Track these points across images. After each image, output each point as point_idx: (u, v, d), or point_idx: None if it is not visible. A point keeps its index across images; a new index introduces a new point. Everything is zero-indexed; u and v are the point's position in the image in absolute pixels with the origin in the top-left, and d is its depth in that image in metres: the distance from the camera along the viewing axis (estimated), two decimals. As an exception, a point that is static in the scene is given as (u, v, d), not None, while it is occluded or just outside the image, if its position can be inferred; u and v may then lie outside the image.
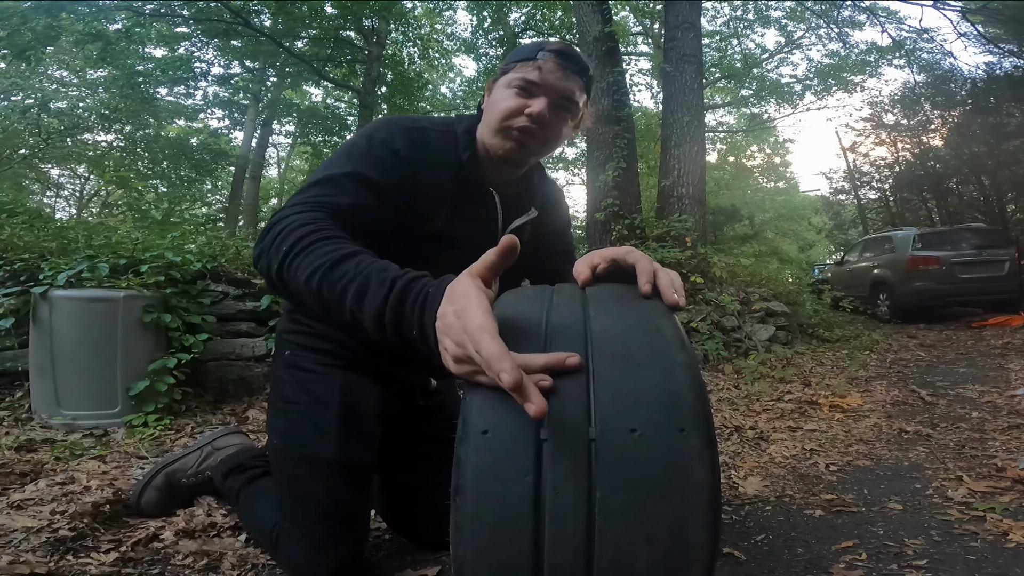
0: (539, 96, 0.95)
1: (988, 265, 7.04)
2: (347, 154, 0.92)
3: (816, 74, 13.85)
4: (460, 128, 1.02)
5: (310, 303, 0.71)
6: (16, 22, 7.92)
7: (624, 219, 5.27)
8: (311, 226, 0.74)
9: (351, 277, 0.66)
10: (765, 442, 2.10)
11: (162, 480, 1.35)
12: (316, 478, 1.00)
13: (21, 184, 13.81)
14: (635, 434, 0.48)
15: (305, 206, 0.81)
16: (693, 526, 0.47)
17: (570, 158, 18.58)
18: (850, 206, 18.19)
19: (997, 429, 2.15)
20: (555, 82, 0.95)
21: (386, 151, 0.94)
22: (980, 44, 10.74)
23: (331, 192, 0.85)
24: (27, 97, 11.65)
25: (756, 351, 4.10)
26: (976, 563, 1.12)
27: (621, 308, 0.61)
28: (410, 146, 0.96)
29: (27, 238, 2.78)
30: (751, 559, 1.18)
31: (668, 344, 0.54)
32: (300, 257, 0.71)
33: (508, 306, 0.63)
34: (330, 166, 0.90)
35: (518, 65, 0.96)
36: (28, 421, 2.10)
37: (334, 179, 0.87)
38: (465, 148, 1.00)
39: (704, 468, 0.48)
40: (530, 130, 0.96)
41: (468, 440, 0.49)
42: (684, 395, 0.50)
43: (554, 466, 0.47)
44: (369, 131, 0.97)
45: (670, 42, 6.00)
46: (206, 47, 11.38)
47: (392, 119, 1.00)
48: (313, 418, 1.02)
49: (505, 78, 0.98)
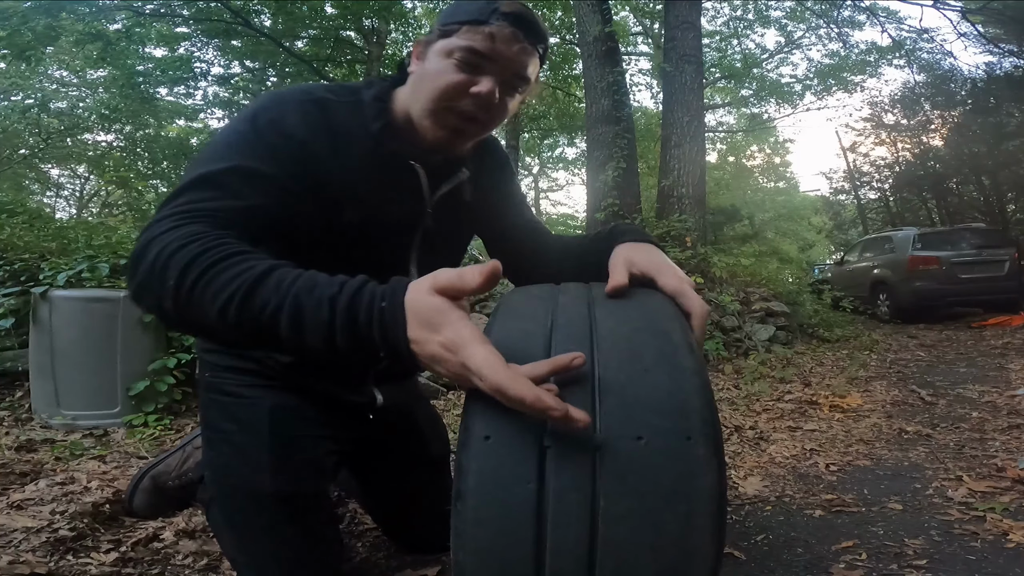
0: (488, 73, 0.77)
1: (988, 265, 7.04)
2: (227, 143, 0.74)
3: (816, 74, 13.87)
4: (368, 95, 0.85)
5: (227, 338, 0.59)
6: (16, 22, 7.93)
7: (624, 219, 5.28)
8: (196, 245, 0.58)
9: (276, 304, 0.54)
10: (765, 442, 2.10)
11: (149, 483, 1.30)
12: (259, 515, 0.87)
13: (21, 184, 13.82)
14: (641, 441, 0.47)
15: (180, 218, 0.64)
16: (698, 534, 0.46)
17: (570, 158, 18.63)
18: (850, 206, 18.18)
19: (997, 429, 2.15)
20: (510, 55, 0.78)
21: (277, 134, 0.76)
22: (980, 44, 10.74)
23: (210, 195, 0.68)
24: (27, 97, 11.65)
25: (756, 351, 4.10)
26: (976, 563, 1.12)
27: (628, 310, 0.60)
28: (306, 124, 0.78)
29: (27, 238, 2.78)
30: (751, 559, 1.18)
31: (676, 348, 0.53)
32: (199, 289, 0.56)
33: (514, 307, 0.62)
34: (207, 160, 0.72)
35: (463, 29, 0.77)
36: (28, 421, 2.10)
37: (213, 178, 0.69)
38: (376, 117, 0.83)
39: (711, 476, 0.47)
40: (473, 116, 0.79)
41: (470, 445, 0.49)
42: (692, 402, 0.49)
43: (557, 473, 0.46)
44: (253, 110, 0.78)
45: (670, 42, 6.00)
46: (206, 47, 11.38)
47: (281, 93, 0.82)
48: (243, 449, 0.87)
49: (444, 43, 0.78)
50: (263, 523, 0.87)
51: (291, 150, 0.76)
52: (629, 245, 0.73)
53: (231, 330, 0.56)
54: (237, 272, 0.56)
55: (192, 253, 0.58)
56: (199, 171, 0.70)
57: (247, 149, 0.73)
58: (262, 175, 0.72)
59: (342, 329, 0.53)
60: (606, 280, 0.65)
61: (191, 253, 0.58)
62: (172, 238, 0.60)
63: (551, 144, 17.33)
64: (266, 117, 0.77)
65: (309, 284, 0.55)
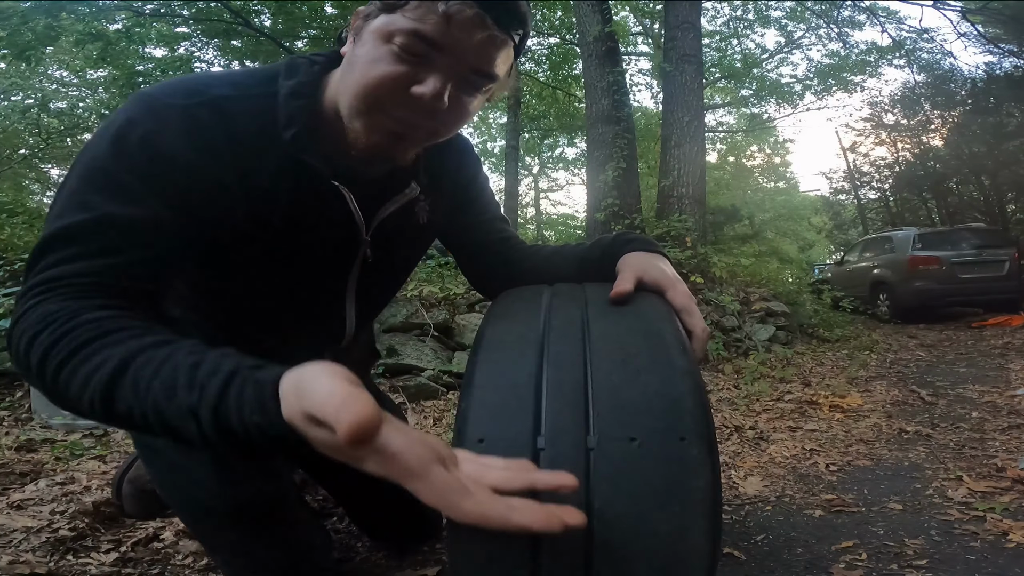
0: (437, 67, 0.59)
1: (988, 265, 7.05)
2: (87, 178, 0.57)
3: (816, 74, 13.85)
4: (285, 88, 0.64)
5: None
6: (16, 22, 7.92)
7: (624, 219, 5.28)
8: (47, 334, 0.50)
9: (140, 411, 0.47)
10: (765, 442, 2.10)
11: (130, 488, 1.23)
12: (221, 530, 0.80)
13: (21, 184, 13.81)
14: (635, 443, 0.47)
15: (38, 292, 0.53)
16: (693, 535, 0.46)
17: (570, 158, 18.62)
18: (850, 206, 18.19)
19: (997, 429, 2.15)
20: (469, 46, 0.59)
21: (151, 158, 0.58)
22: (980, 44, 10.74)
23: (72, 254, 0.54)
24: (27, 97, 11.66)
25: (756, 351, 4.10)
26: (976, 563, 1.12)
27: (621, 310, 0.60)
28: (193, 139, 0.60)
29: (27, 238, 2.78)
30: (751, 559, 1.18)
31: (668, 349, 0.53)
32: (61, 386, 0.49)
33: (504, 308, 0.62)
34: (64, 207, 0.56)
35: (411, 5, 0.58)
36: (28, 421, 2.10)
37: (72, 234, 0.54)
38: (289, 122, 0.63)
39: (704, 477, 0.47)
40: (413, 121, 0.62)
41: (463, 448, 0.48)
42: (684, 402, 0.49)
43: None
44: (119, 125, 0.58)
45: (670, 42, 6.00)
46: (206, 47, 11.37)
47: (157, 95, 0.61)
48: (182, 465, 0.77)
49: (385, 21, 0.59)
50: (231, 538, 0.80)
51: (174, 178, 0.59)
52: (640, 254, 0.70)
53: (105, 420, 0.50)
54: (89, 371, 0.48)
55: (44, 346, 0.50)
56: (56, 224, 0.55)
57: (111, 187, 0.56)
58: (135, 222, 0.56)
59: (219, 441, 0.45)
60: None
61: (43, 346, 0.50)
62: (27, 324, 0.51)
63: (551, 144, 17.32)
64: (136, 134, 0.58)
65: (168, 385, 0.46)
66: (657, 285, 0.65)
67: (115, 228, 0.56)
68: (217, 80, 0.64)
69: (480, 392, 0.51)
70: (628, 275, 0.65)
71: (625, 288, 0.62)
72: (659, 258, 0.71)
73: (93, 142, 0.59)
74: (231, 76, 0.66)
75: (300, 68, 0.67)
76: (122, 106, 0.62)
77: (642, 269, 0.66)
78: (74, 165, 0.59)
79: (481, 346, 0.57)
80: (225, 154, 0.62)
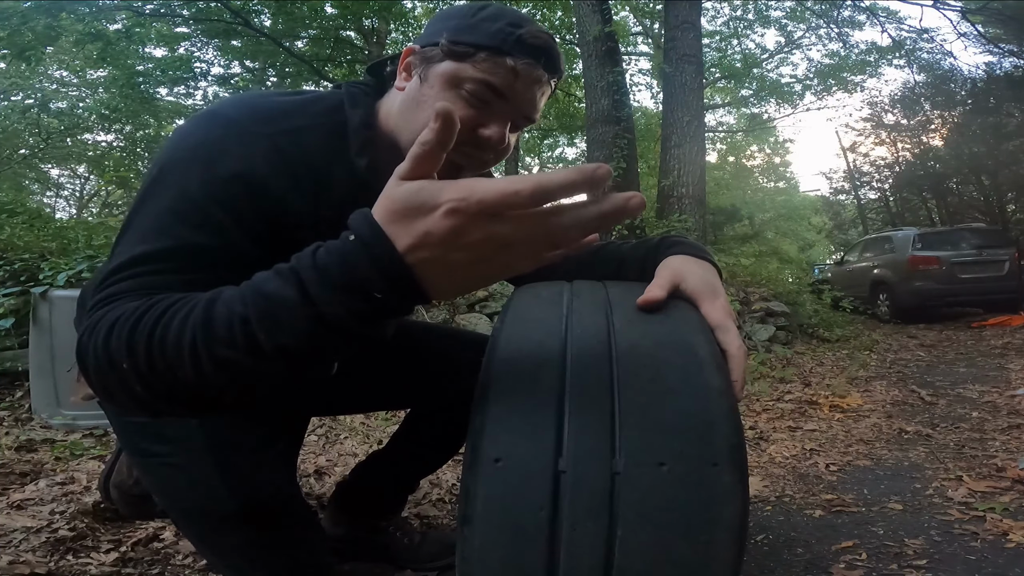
0: (499, 113, 0.67)
1: (988, 265, 7.04)
2: (175, 207, 0.58)
3: (816, 74, 13.86)
4: (355, 118, 0.69)
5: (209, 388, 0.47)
6: (16, 22, 7.91)
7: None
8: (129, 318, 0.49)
9: (240, 315, 0.44)
10: (765, 442, 2.10)
11: (117, 494, 1.19)
12: (226, 535, 0.77)
13: (21, 184, 13.81)
14: (663, 468, 0.44)
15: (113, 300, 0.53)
16: (718, 566, 0.43)
17: (570, 158, 18.60)
18: (850, 206, 18.20)
19: (997, 429, 2.15)
20: (526, 96, 0.67)
21: (245, 192, 0.60)
22: (980, 44, 10.74)
23: (149, 271, 0.55)
24: (27, 97, 11.66)
25: (756, 351, 4.10)
26: (976, 563, 1.12)
27: (650, 320, 0.55)
28: (279, 173, 0.62)
29: (27, 238, 2.78)
30: (751, 559, 1.18)
31: (702, 366, 0.49)
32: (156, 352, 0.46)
33: (522, 312, 0.57)
34: (150, 233, 0.57)
35: (480, 55, 0.64)
36: (28, 421, 2.10)
37: (155, 258, 0.56)
38: (361, 151, 0.68)
39: (735, 505, 0.44)
40: (475, 156, 0.68)
41: (478, 468, 0.45)
42: (718, 425, 0.46)
43: (572, 500, 0.43)
44: (209, 153, 0.60)
45: (670, 42, 6.00)
46: (206, 47, 11.38)
47: (242, 119, 0.63)
48: (185, 470, 0.74)
49: (454, 68, 0.65)
50: (235, 541, 0.78)
51: (262, 207, 0.61)
52: (683, 258, 0.65)
53: (210, 375, 0.46)
54: (184, 315, 0.47)
55: (129, 324, 0.48)
56: (140, 249, 0.56)
57: (198, 219, 0.57)
58: (216, 252, 0.58)
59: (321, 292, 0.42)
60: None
61: (128, 325, 0.48)
62: (104, 322, 0.50)
63: (551, 144, 17.32)
64: (229, 167, 0.59)
65: (256, 282, 0.45)
66: (694, 295, 0.60)
67: (197, 257, 0.57)
68: (289, 106, 0.67)
69: (496, 408, 0.48)
70: (663, 281, 0.60)
71: (655, 296, 0.57)
72: (704, 265, 0.66)
73: (178, 164, 0.60)
74: (299, 104, 0.69)
75: (360, 99, 0.72)
76: (202, 123, 0.63)
77: (680, 276, 0.62)
78: (155, 184, 0.59)
79: (495, 356, 0.52)
80: (304, 184, 0.65)
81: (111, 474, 1.20)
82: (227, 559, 0.82)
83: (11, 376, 2.33)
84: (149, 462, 0.77)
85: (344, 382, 0.88)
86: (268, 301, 0.43)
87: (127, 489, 1.18)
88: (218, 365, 0.45)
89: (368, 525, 1.17)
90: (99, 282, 0.57)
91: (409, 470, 1.16)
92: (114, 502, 1.21)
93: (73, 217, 14.70)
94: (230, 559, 0.81)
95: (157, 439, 0.74)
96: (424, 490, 1.52)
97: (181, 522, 0.83)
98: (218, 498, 0.73)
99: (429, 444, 1.10)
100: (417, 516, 1.39)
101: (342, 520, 1.17)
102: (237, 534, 0.76)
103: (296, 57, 11.12)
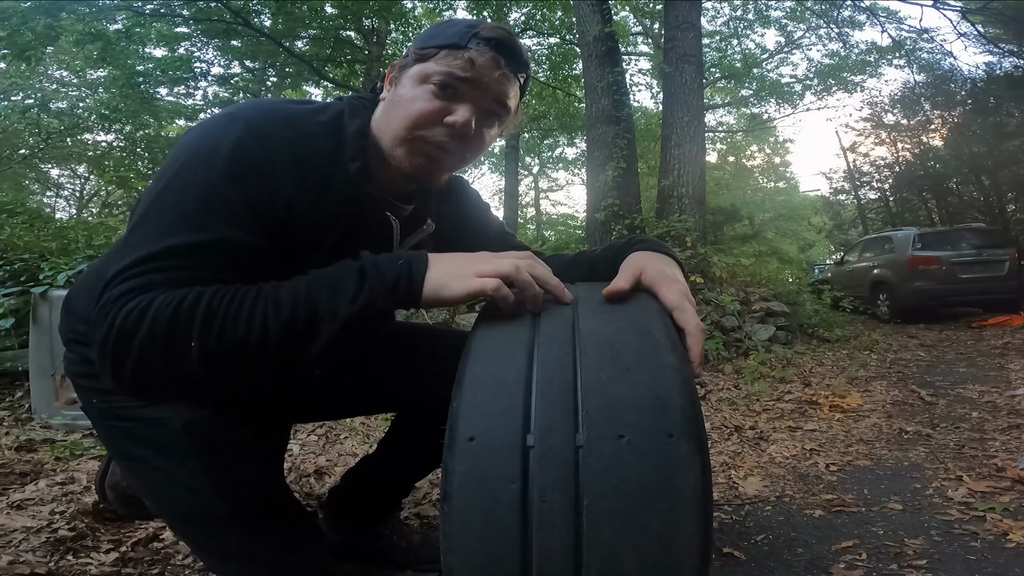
0: (465, 101, 0.74)
1: (988, 265, 7.05)
2: (202, 199, 0.64)
3: (816, 74, 13.85)
4: (351, 127, 0.76)
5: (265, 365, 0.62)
6: (16, 22, 7.91)
7: (624, 219, 5.28)
8: (196, 298, 0.60)
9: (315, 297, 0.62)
10: (765, 442, 2.10)
11: (112, 495, 1.17)
12: (217, 538, 0.77)
13: (21, 184, 13.82)
14: (623, 440, 0.47)
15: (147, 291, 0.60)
16: (683, 532, 0.46)
17: (570, 158, 18.61)
18: (850, 206, 18.19)
19: (997, 429, 2.15)
20: (489, 82, 0.74)
21: (261, 190, 0.67)
22: (980, 44, 10.74)
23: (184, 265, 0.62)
24: (27, 97, 11.65)
25: (756, 351, 4.10)
26: (976, 563, 1.12)
27: (611, 308, 0.61)
28: (293, 176, 0.70)
29: (27, 238, 2.78)
30: (751, 559, 1.18)
31: (658, 347, 0.54)
32: (228, 327, 0.59)
33: (495, 309, 0.62)
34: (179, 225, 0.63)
35: (441, 53, 0.73)
36: (28, 421, 2.10)
37: (189, 251, 0.63)
38: (355, 156, 0.75)
39: (694, 474, 0.48)
40: (448, 145, 0.75)
41: (455, 447, 0.49)
42: (673, 399, 0.50)
43: (541, 473, 0.47)
44: (231, 147, 0.66)
45: (670, 42, 5.99)
46: (206, 47, 11.37)
47: (262, 123, 0.70)
48: (170, 474, 0.72)
49: (420, 68, 0.74)
50: (231, 544, 0.77)
51: (274, 207, 0.69)
52: (644, 254, 0.72)
53: (273, 350, 0.60)
54: (254, 298, 0.61)
55: (204, 302, 0.60)
56: (171, 240, 0.62)
57: (226, 212, 0.65)
58: (243, 246, 0.66)
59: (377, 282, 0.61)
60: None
61: (203, 303, 0.60)
62: (139, 308, 0.59)
63: (551, 144, 17.32)
64: (249, 162, 0.66)
65: (324, 273, 0.63)
66: (652, 283, 0.66)
67: (229, 252, 0.65)
68: (300, 114, 0.75)
69: (470, 392, 0.52)
70: (625, 274, 0.67)
71: (618, 287, 0.63)
72: (662, 258, 0.72)
73: (202, 161, 0.66)
74: (308, 112, 0.76)
75: (359, 110, 0.79)
76: (223, 123, 0.69)
77: (641, 268, 0.68)
78: (176, 178, 0.65)
79: (472, 346, 0.58)
80: (309, 187, 0.72)
81: (106, 475, 1.19)
82: (223, 563, 0.81)
83: (11, 376, 2.33)
84: (135, 466, 0.77)
85: (329, 386, 0.92)
86: (334, 280, 0.63)
87: (122, 490, 1.16)
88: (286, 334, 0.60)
89: (365, 529, 1.17)
90: (121, 269, 0.61)
91: (400, 474, 1.16)
92: (111, 503, 1.20)
93: (73, 217, 14.70)
94: (226, 563, 0.80)
95: (140, 443, 0.73)
96: (424, 490, 1.52)
97: (173, 525, 0.83)
98: (206, 501, 0.72)
99: (418, 447, 1.09)
100: (417, 516, 1.39)
101: (338, 524, 1.17)
102: (229, 537, 0.76)
103: (296, 57, 11.12)
